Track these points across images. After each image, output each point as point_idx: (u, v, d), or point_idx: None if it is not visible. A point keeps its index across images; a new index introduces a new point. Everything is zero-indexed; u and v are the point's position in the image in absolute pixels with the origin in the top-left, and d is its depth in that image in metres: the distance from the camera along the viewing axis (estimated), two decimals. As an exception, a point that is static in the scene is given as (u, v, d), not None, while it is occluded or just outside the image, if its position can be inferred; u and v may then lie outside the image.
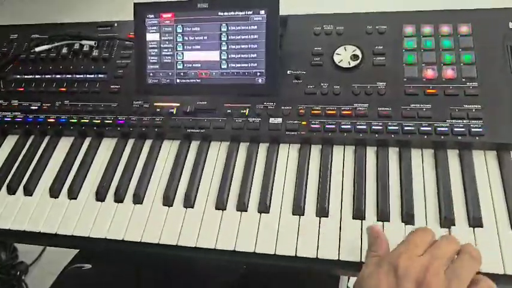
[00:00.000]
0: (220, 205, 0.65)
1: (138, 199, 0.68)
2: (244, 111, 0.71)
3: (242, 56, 0.72)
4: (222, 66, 0.73)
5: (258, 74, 0.72)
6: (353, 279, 0.90)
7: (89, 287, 0.80)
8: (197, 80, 0.74)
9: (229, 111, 0.71)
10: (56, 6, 1.47)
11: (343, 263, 0.58)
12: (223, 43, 0.73)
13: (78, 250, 0.87)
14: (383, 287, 0.47)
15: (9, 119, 0.80)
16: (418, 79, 0.68)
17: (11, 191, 0.73)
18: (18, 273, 1.44)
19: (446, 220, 0.58)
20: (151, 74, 0.76)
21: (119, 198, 0.69)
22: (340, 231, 0.60)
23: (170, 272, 0.84)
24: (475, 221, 0.57)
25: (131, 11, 0.76)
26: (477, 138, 0.62)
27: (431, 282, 0.45)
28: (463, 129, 0.63)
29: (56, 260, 0.93)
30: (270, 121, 0.69)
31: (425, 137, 0.64)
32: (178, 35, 0.74)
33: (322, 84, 0.70)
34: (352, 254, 0.58)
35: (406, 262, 0.47)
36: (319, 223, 0.61)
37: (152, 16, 0.75)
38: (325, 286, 0.80)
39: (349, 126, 0.66)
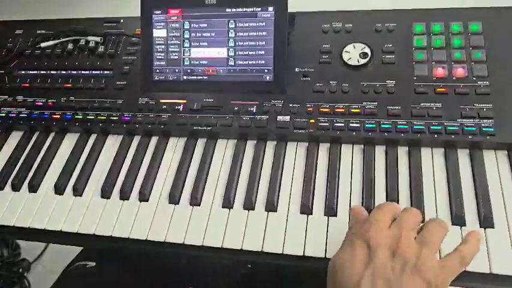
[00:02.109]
0: (227, 203, 0.64)
1: (144, 197, 0.67)
2: (252, 108, 0.70)
3: (250, 53, 0.71)
4: (230, 63, 0.72)
5: (266, 71, 0.71)
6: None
7: (92, 285, 0.79)
8: (204, 77, 0.73)
9: (237, 108, 0.70)
10: (61, 2, 1.47)
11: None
12: (231, 40, 0.72)
13: (82, 248, 0.87)
14: (358, 261, 0.47)
15: (14, 115, 0.79)
16: (428, 78, 0.67)
17: (16, 187, 0.73)
18: (21, 270, 1.44)
19: (457, 219, 0.57)
20: (157, 71, 0.75)
21: (124, 196, 0.68)
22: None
23: (174, 270, 0.83)
24: (486, 222, 0.57)
25: (138, 7, 0.75)
26: (488, 137, 0.62)
27: (405, 249, 0.46)
28: (473, 129, 0.62)
29: (59, 258, 0.92)
30: (278, 119, 0.68)
31: (436, 136, 0.63)
32: (186, 32, 0.73)
33: (330, 82, 0.70)
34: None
35: (376, 233, 0.48)
36: (328, 222, 0.61)
37: (159, 12, 0.74)
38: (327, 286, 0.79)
39: (358, 125, 0.65)
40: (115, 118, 0.74)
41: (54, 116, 0.77)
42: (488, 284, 0.54)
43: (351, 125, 0.66)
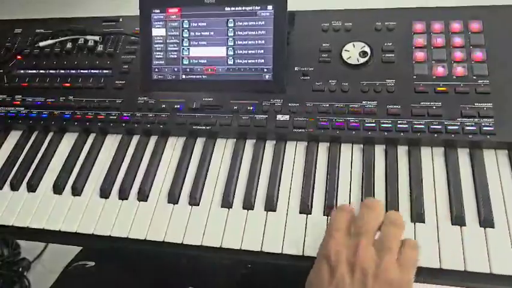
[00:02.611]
0: (226, 203, 0.64)
1: (143, 196, 0.67)
2: (251, 107, 0.70)
3: (249, 52, 0.71)
4: (229, 62, 0.72)
5: (265, 70, 0.71)
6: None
7: (92, 284, 0.79)
8: (203, 76, 0.73)
9: (236, 107, 0.70)
10: (61, 1, 1.47)
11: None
12: (230, 39, 0.72)
13: (82, 247, 0.87)
14: (321, 280, 0.48)
15: (12, 115, 0.79)
16: (428, 76, 0.67)
17: (15, 187, 0.73)
18: (21, 269, 1.44)
19: (457, 218, 0.57)
20: (156, 70, 0.75)
21: (123, 196, 0.68)
22: (348, 230, 0.59)
23: (174, 270, 0.83)
24: (486, 222, 0.56)
25: (137, 6, 0.75)
26: (488, 136, 0.61)
27: (363, 260, 0.47)
28: (474, 128, 0.62)
29: (58, 257, 0.92)
30: (277, 118, 0.68)
31: (436, 135, 0.62)
32: (185, 31, 0.73)
33: (330, 81, 0.69)
34: (361, 254, 0.57)
35: (334, 248, 0.49)
36: (327, 222, 0.60)
37: (158, 11, 0.74)
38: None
39: (357, 124, 0.65)
40: (114, 117, 0.74)
41: (53, 115, 0.77)
42: (489, 284, 0.54)
43: (351, 124, 0.65)
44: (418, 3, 0.73)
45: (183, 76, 0.74)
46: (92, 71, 0.80)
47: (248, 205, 0.64)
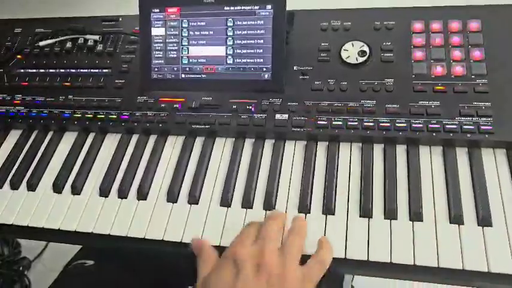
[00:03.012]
0: (225, 202, 0.64)
1: (142, 195, 0.67)
2: (250, 107, 0.70)
3: (248, 51, 0.71)
4: (228, 62, 0.72)
5: (264, 69, 0.71)
6: (357, 278, 0.90)
7: (91, 283, 0.79)
8: (202, 76, 0.73)
9: (235, 107, 0.70)
10: (60, 1, 1.47)
11: (349, 262, 0.57)
12: (229, 38, 0.72)
13: (81, 246, 0.87)
14: (225, 279, 0.50)
15: (12, 114, 0.79)
16: (426, 76, 0.67)
17: (15, 186, 0.73)
18: (21, 268, 1.44)
19: (455, 218, 0.57)
20: (156, 69, 0.75)
21: (122, 194, 0.68)
22: (346, 229, 0.59)
23: (174, 270, 0.83)
24: (484, 220, 0.57)
25: (136, 6, 0.75)
26: (486, 136, 0.61)
27: (269, 261, 0.50)
28: (472, 127, 0.62)
29: (59, 256, 0.92)
30: (276, 117, 0.68)
31: (434, 134, 0.63)
32: (184, 30, 0.73)
33: (329, 80, 0.69)
34: (359, 253, 0.57)
35: (241, 250, 0.52)
36: (325, 221, 0.60)
37: (157, 10, 0.74)
38: (329, 285, 0.79)
39: (356, 123, 0.65)
40: (113, 117, 0.74)
41: (53, 115, 0.77)
42: (487, 283, 0.54)
43: (349, 123, 0.66)
44: (417, 3, 0.73)
45: (183, 75, 0.74)
46: (92, 70, 0.80)
47: (247, 204, 0.64)
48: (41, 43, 0.83)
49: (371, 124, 0.65)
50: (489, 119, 0.62)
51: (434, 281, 0.55)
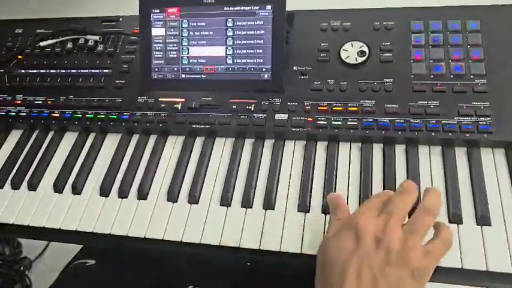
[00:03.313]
0: (225, 201, 0.65)
1: (142, 195, 0.68)
2: (250, 107, 0.70)
3: (248, 51, 0.71)
4: (228, 62, 0.72)
5: (264, 69, 0.71)
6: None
7: (92, 283, 0.79)
8: (202, 76, 0.73)
9: (235, 107, 0.71)
10: (61, 1, 1.47)
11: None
12: (229, 38, 0.72)
13: (82, 246, 0.87)
14: (345, 248, 0.48)
15: (13, 114, 0.79)
16: (425, 76, 0.67)
17: (15, 186, 0.73)
18: (22, 268, 1.44)
19: (454, 216, 0.57)
20: (156, 69, 0.75)
21: (123, 194, 0.69)
22: (346, 228, 0.59)
23: (174, 269, 0.84)
24: (483, 220, 0.57)
25: (137, 6, 0.75)
26: (485, 135, 0.62)
27: (390, 237, 0.47)
28: (471, 127, 0.62)
29: (60, 256, 0.92)
30: (276, 117, 0.69)
31: (433, 134, 0.63)
32: (184, 30, 0.74)
33: (328, 80, 0.70)
34: (358, 252, 0.57)
35: (364, 221, 0.49)
36: (325, 220, 0.61)
37: (158, 11, 0.74)
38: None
39: (355, 123, 0.66)
40: (114, 117, 0.75)
41: (54, 115, 0.77)
42: (485, 282, 0.54)
43: (349, 123, 0.66)
44: (416, 3, 0.73)
45: (183, 75, 0.74)
46: (92, 70, 0.80)
47: (247, 203, 0.64)
48: (42, 43, 0.84)
49: (370, 124, 0.65)
50: (488, 118, 0.62)
51: (433, 280, 0.55)
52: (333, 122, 0.66)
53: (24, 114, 0.79)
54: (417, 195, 0.51)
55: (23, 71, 0.84)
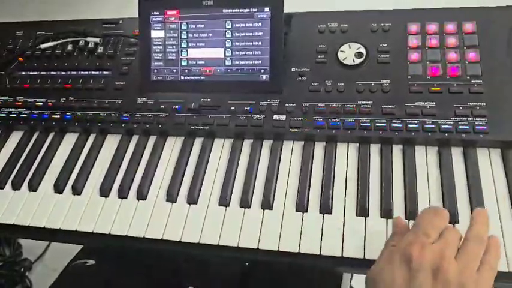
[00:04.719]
0: (224, 201, 0.65)
1: (141, 195, 0.68)
2: (248, 108, 0.71)
3: (246, 53, 0.72)
4: (226, 63, 0.73)
5: (262, 71, 0.72)
6: (356, 277, 0.91)
7: (92, 282, 0.80)
8: (201, 77, 0.74)
9: (233, 108, 0.71)
10: (61, 4, 1.48)
11: (346, 260, 0.58)
12: (228, 40, 0.73)
13: (82, 246, 0.88)
14: (398, 280, 0.46)
15: (14, 115, 0.80)
16: (422, 77, 0.68)
17: (16, 186, 0.74)
18: (22, 269, 1.45)
19: (450, 216, 0.57)
20: (155, 71, 0.76)
21: (122, 194, 0.69)
22: (343, 228, 0.60)
23: (174, 270, 0.84)
24: (479, 219, 0.57)
25: (136, 8, 0.76)
26: (481, 135, 0.62)
27: (448, 269, 0.45)
28: (467, 127, 0.63)
29: (60, 257, 0.93)
30: (274, 118, 0.69)
31: (430, 134, 0.63)
32: (183, 32, 0.74)
33: (326, 81, 0.70)
34: (356, 251, 0.58)
35: (419, 252, 0.46)
36: (323, 220, 0.61)
37: (157, 13, 0.75)
38: (328, 284, 0.80)
39: (353, 124, 0.66)
40: (114, 118, 0.75)
41: (54, 116, 0.78)
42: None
43: (346, 123, 0.66)
44: (413, 5, 0.74)
45: (182, 77, 0.75)
46: (92, 72, 0.81)
47: (245, 203, 0.65)
48: (42, 46, 0.84)
49: (367, 124, 0.66)
50: (484, 119, 0.63)
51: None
52: (331, 123, 0.67)
53: (25, 115, 0.79)
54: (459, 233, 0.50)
55: (23, 72, 0.84)
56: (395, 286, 0.46)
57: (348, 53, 0.71)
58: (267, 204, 0.64)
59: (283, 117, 0.69)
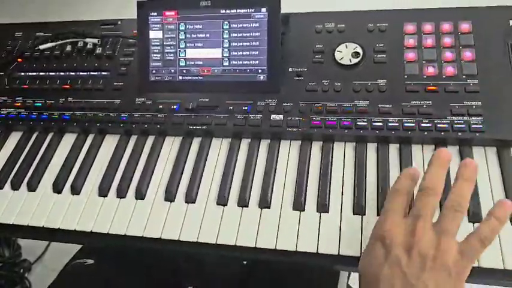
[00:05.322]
0: (222, 200, 0.66)
1: (140, 194, 0.69)
2: (246, 108, 0.71)
3: (244, 53, 0.73)
4: (224, 64, 0.73)
5: (260, 71, 0.72)
6: (353, 276, 0.91)
7: (91, 282, 0.80)
8: (199, 77, 0.75)
9: (231, 108, 0.72)
10: (60, 4, 1.48)
11: (343, 258, 0.58)
12: (225, 41, 0.73)
13: (81, 246, 0.88)
14: (374, 260, 0.47)
15: (13, 116, 0.80)
16: (418, 76, 0.68)
17: (15, 186, 0.74)
18: (22, 270, 1.45)
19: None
20: (154, 71, 0.76)
21: (121, 194, 0.70)
22: (340, 226, 0.60)
23: (173, 269, 0.84)
24: (475, 216, 0.58)
25: (135, 9, 0.76)
26: (477, 134, 0.63)
27: (421, 242, 0.45)
28: (463, 126, 0.63)
29: (59, 258, 0.93)
30: (272, 118, 0.70)
31: (426, 133, 0.64)
32: (181, 33, 0.75)
33: (323, 81, 0.71)
34: (352, 249, 0.58)
35: (390, 228, 0.47)
36: (320, 218, 0.62)
37: (155, 14, 0.76)
38: (325, 282, 0.80)
39: (349, 123, 0.67)
40: (112, 118, 0.76)
41: (53, 117, 0.78)
42: (477, 278, 0.55)
43: (343, 123, 0.67)
44: (410, 5, 0.74)
45: (180, 77, 0.75)
46: (91, 73, 0.82)
47: (243, 202, 0.65)
48: (41, 47, 0.85)
49: (364, 124, 0.66)
50: (480, 118, 0.63)
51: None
52: (328, 122, 0.67)
53: (24, 116, 0.80)
54: (442, 188, 0.49)
55: (22, 73, 0.85)
56: (372, 265, 0.47)
57: (345, 53, 0.72)
58: (264, 203, 0.64)
59: (281, 116, 0.69)
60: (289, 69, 0.73)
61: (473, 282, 0.54)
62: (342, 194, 0.63)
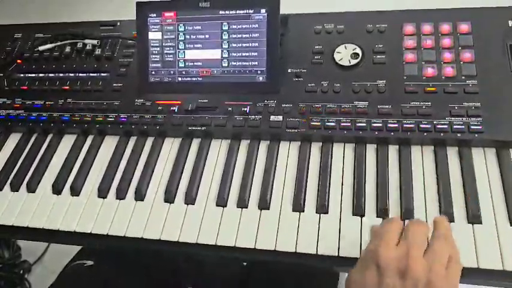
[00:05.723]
0: (221, 202, 0.66)
1: (139, 196, 0.69)
2: (245, 109, 0.71)
3: (243, 54, 0.73)
4: (223, 65, 0.73)
5: (259, 72, 0.72)
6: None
7: (91, 283, 0.80)
8: (198, 78, 0.75)
9: (230, 109, 0.72)
10: (59, 6, 1.48)
11: (342, 259, 0.58)
12: (225, 42, 0.73)
13: (81, 247, 0.88)
14: (368, 283, 0.47)
15: (12, 117, 0.80)
16: (418, 77, 0.68)
17: (14, 188, 0.74)
18: (21, 271, 1.45)
19: (446, 215, 0.58)
20: (153, 73, 0.76)
21: (121, 195, 0.70)
22: (339, 227, 0.60)
23: (173, 270, 0.84)
24: (474, 218, 0.58)
25: (134, 11, 0.76)
26: (476, 135, 0.63)
27: (414, 268, 0.46)
28: (462, 127, 0.63)
29: (59, 259, 0.93)
30: (271, 119, 0.70)
31: (425, 134, 0.64)
32: (180, 34, 0.75)
33: (322, 82, 0.71)
34: (352, 251, 0.58)
35: (385, 253, 0.48)
36: (319, 220, 0.62)
37: (154, 15, 0.76)
38: (325, 284, 0.80)
39: (349, 124, 0.67)
40: (112, 119, 0.76)
41: (52, 118, 0.78)
42: (476, 279, 0.55)
43: (342, 124, 0.67)
44: (409, 6, 0.74)
45: (179, 78, 0.75)
46: (90, 74, 0.82)
47: (242, 203, 0.65)
48: (41, 48, 0.85)
49: (363, 125, 0.66)
50: (479, 119, 0.63)
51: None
52: (327, 123, 0.67)
53: (23, 117, 0.80)
54: (428, 228, 0.51)
55: (22, 75, 0.85)
56: (366, 285, 0.47)
57: (344, 54, 0.72)
58: (264, 204, 0.64)
59: (280, 117, 0.69)
60: (289, 70, 0.73)
61: (473, 283, 0.55)
62: (342, 196, 0.63)
